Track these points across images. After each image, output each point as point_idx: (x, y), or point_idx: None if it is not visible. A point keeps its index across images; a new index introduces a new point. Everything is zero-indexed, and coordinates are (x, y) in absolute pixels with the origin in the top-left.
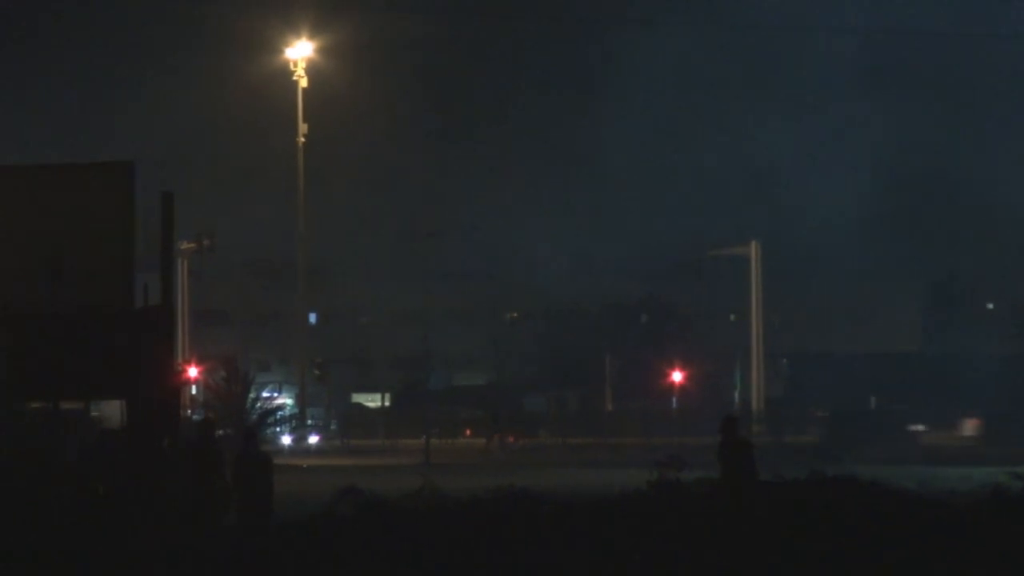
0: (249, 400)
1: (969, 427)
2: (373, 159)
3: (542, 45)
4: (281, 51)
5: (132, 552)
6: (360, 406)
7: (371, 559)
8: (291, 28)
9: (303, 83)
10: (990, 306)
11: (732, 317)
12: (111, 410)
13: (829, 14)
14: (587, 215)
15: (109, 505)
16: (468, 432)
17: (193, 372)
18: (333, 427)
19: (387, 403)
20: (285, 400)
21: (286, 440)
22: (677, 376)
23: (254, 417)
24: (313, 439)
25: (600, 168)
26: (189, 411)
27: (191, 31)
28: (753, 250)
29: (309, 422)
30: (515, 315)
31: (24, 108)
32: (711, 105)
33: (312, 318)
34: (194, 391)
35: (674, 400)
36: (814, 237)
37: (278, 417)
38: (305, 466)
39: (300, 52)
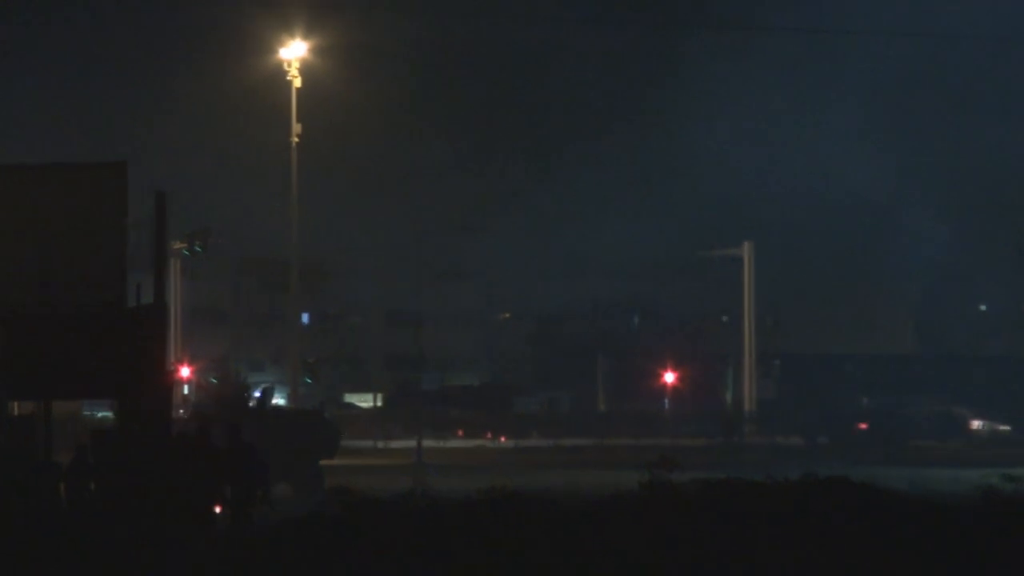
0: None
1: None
2: (368, 159)
3: (535, 44)
4: (276, 51)
5: (120, 548)
6: (352, 406)
7: (361, 559)
8: (286, 28)
9: (297, 83)
10: (983, 308)
11: (724, 318)
12: None
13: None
14: (581, 215)
15: (100, 502)
16: (460, 432)
17: (185, 372)
18: None
19: (379, 403)
20: (278, 400)
21: None
22: (669, 377)
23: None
24: None
25: (594, 168)
26: (181, 411)
27: (186, 31)
28: (746, 251)
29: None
30: (507, 316)
31: (16, 107)
32: (706, 106)
33: (305, 318)
34: (186, 391)
35: (666, 401)
36: (809, 238)
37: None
38: None
39: (294, 52)
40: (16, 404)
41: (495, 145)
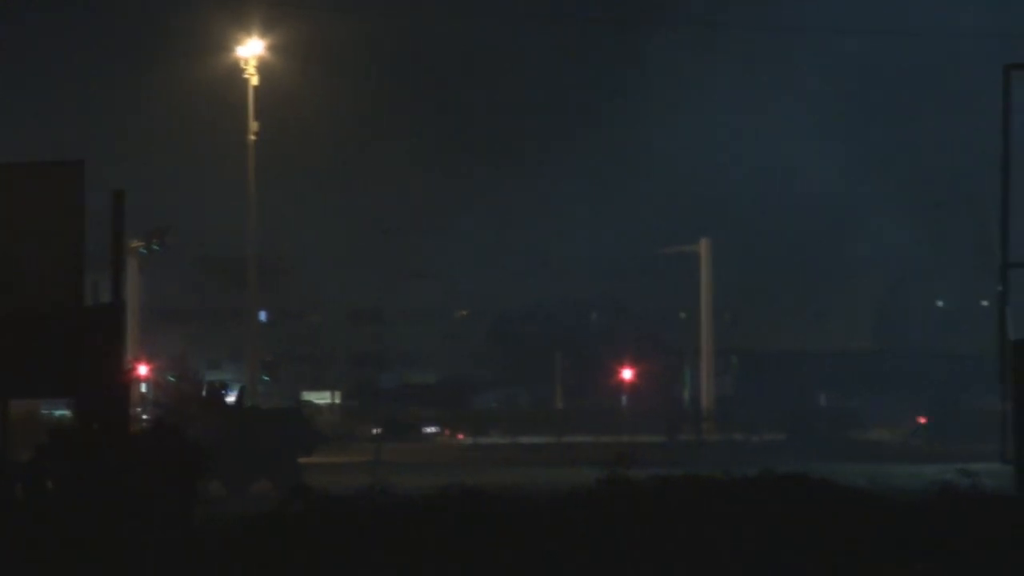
0: None
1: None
2: (327, 157)
3: (497, 42)
4: (234, 48)
5: (79, 549)
6: (310, 403)
7: (321, 557)
8: (244, 25)
9: (254, 81)
10: (940, 303)
11: (682, 315)
12: None
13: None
14: (540, 213)
15: (58, 503)
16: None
17: (143, 370)
18: None
19: (338, 400)
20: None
21: None
22: (627, 374)
23: None
24: None
25: (555, 167)
26: (139, 409)
27: (143, 29)
28: (703, 248)
29: None
30: (465, 313)
31: None
32: (668, 104)
33: (262, 316)
34: (144, 389)
35: (624, 398)
36: (767, 235)
37: None
38: None
39: (251, 50)
40: None
41: (457, 143)
